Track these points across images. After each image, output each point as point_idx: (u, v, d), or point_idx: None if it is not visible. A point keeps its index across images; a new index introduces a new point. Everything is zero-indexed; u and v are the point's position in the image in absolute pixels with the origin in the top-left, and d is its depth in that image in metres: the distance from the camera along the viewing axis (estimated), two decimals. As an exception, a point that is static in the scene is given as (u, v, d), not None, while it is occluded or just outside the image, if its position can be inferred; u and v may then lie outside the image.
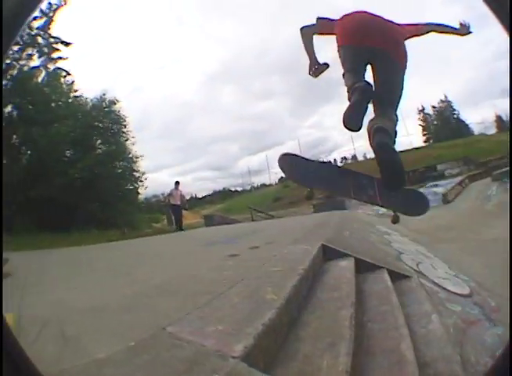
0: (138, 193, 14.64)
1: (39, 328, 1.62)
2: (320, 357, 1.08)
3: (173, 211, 10.11)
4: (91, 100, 13.65)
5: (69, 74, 13.48)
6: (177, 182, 10.02)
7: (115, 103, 13.57)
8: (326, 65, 2.08)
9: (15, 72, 10.94)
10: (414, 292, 2.06)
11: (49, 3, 11.97)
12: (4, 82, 10.49)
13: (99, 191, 11.21)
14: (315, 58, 2.07)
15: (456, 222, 6.60)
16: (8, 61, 10.54)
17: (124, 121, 13.71)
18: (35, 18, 11.52)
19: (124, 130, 13.76)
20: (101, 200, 11.00)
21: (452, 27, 2.02)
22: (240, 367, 0.89)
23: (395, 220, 2.18)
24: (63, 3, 12.36)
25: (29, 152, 11.18)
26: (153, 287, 2.19)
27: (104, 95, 13.61)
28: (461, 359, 1.48)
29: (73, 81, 13.74)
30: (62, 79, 13.27)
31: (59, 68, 13.16)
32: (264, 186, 47.91)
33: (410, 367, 1.15)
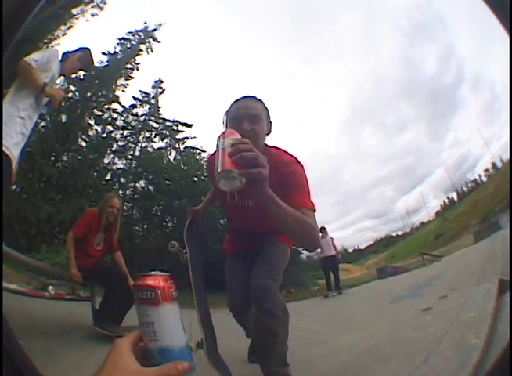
0: (301, 252, 14.45)
1: None
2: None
3: (326, 265, 7.17)
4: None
5: (203, 151, 13.64)
6: (322, 228, 7.64)
7: None
8: None
9: (137, 153, 12.16)
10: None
11: (144, 92, 12.53)
12: (126, 161, 11.85)
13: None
14: None
15: None
16: (122, 143, 11.77)
17: None
18: (134, 105, 12.40)
19: None
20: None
21: None
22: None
23: None
24: (159, 90, 12.94)
25: (175, 221, 12.05)
26: (362, 354, 2.16)
27: None
28: None
29: None
30: (197, 156, 13.67)
31: (190, 147, 13.62)
32: (422, 224, 44.11)
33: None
